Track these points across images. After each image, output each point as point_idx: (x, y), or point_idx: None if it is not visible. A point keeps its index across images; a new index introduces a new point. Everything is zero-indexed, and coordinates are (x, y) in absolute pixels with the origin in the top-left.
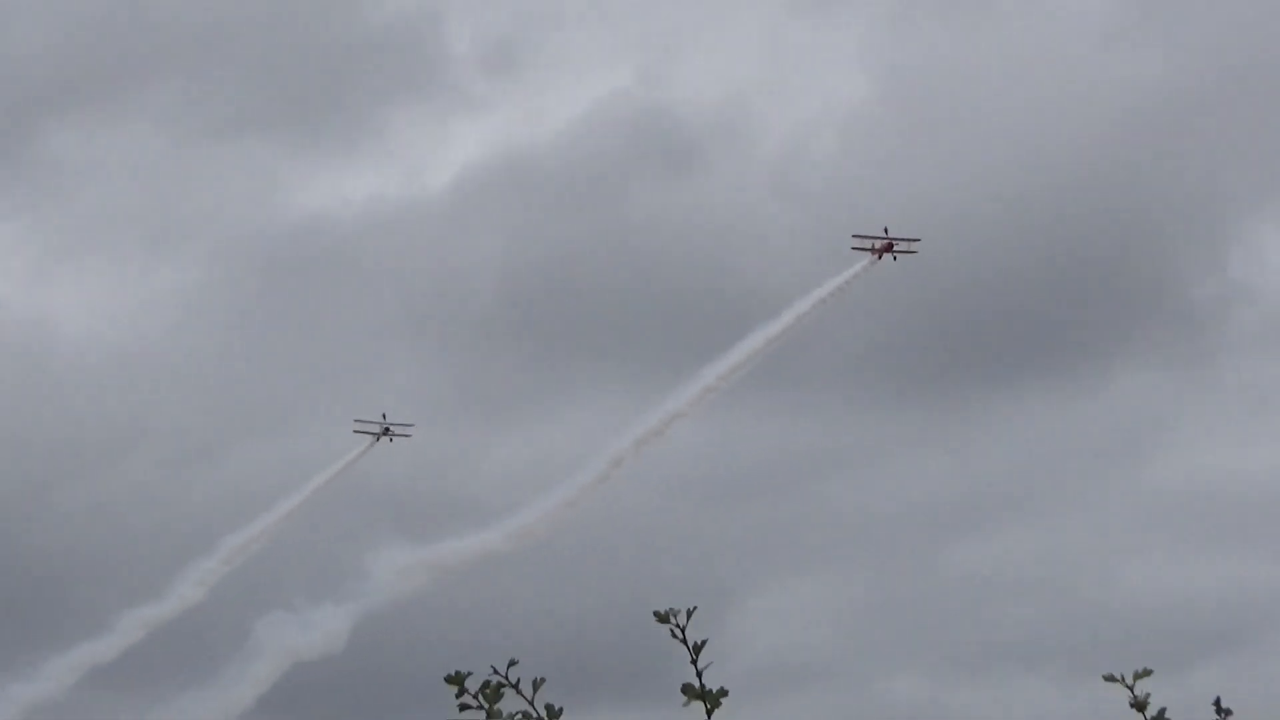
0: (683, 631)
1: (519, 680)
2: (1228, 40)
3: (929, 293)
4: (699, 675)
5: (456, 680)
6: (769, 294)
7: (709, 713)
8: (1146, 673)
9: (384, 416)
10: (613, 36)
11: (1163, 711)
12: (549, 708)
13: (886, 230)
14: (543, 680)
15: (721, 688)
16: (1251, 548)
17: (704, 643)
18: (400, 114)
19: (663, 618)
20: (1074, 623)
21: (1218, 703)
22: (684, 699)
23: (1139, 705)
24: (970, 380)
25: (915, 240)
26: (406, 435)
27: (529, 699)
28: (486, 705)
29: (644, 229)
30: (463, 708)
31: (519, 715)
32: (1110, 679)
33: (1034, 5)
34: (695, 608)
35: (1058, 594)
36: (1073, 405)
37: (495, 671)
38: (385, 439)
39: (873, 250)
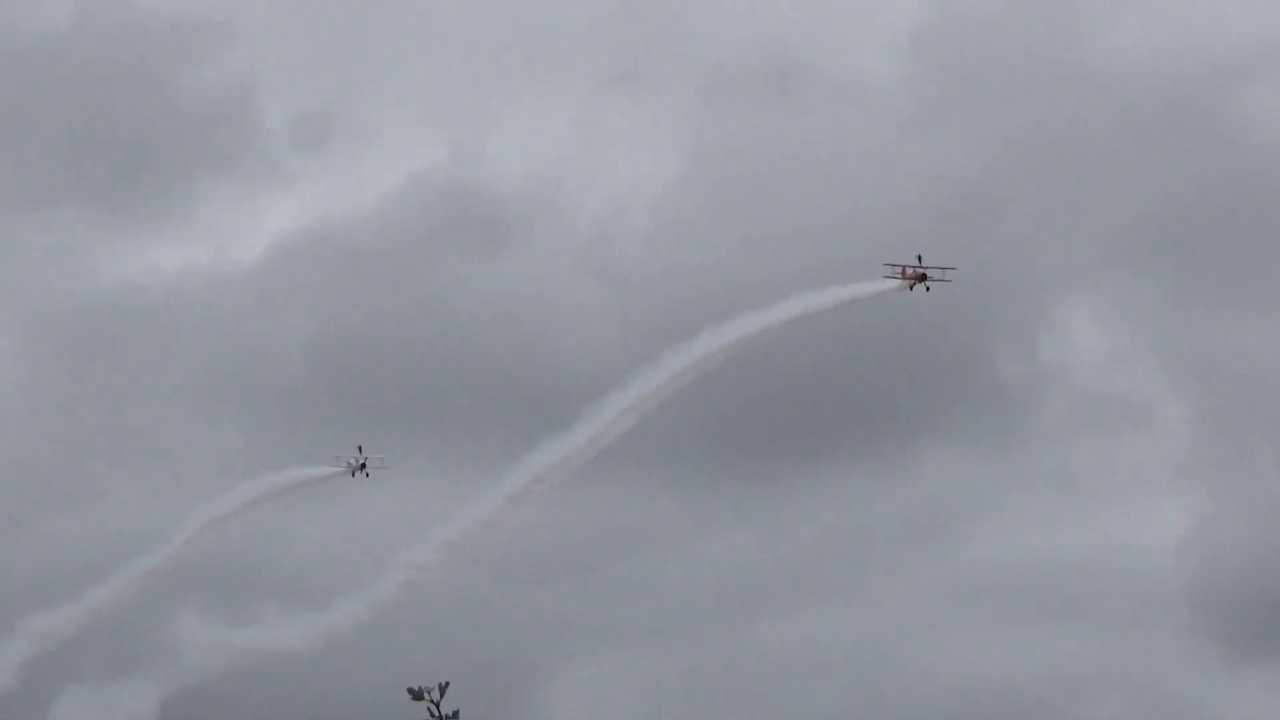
0: (438, 707)
1: None
2: (1036, 125)
3: (742, 369)
4: None
5: None
6: (581, 373)
7: None
8: None
9: (359, 450)
10: (426, 112)
11: None
12: None
13: (920, 259)
14: None
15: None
16: (1059, 628)
17: (456, 715)
18: (212, 187)
19: (417, 694)
20: (883, 701)
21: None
22: None
23: None
24: (781, 458)
25: (950, 269)
26: (381, 468)
27: None
28: None
29: (455, 304)
30: None
31: None
32: None
33: (843, 88)
34: (448, 683)
35: (867, 672)
36: (883, 484)
37: None
38: (362, 474)
39: (904, 277)
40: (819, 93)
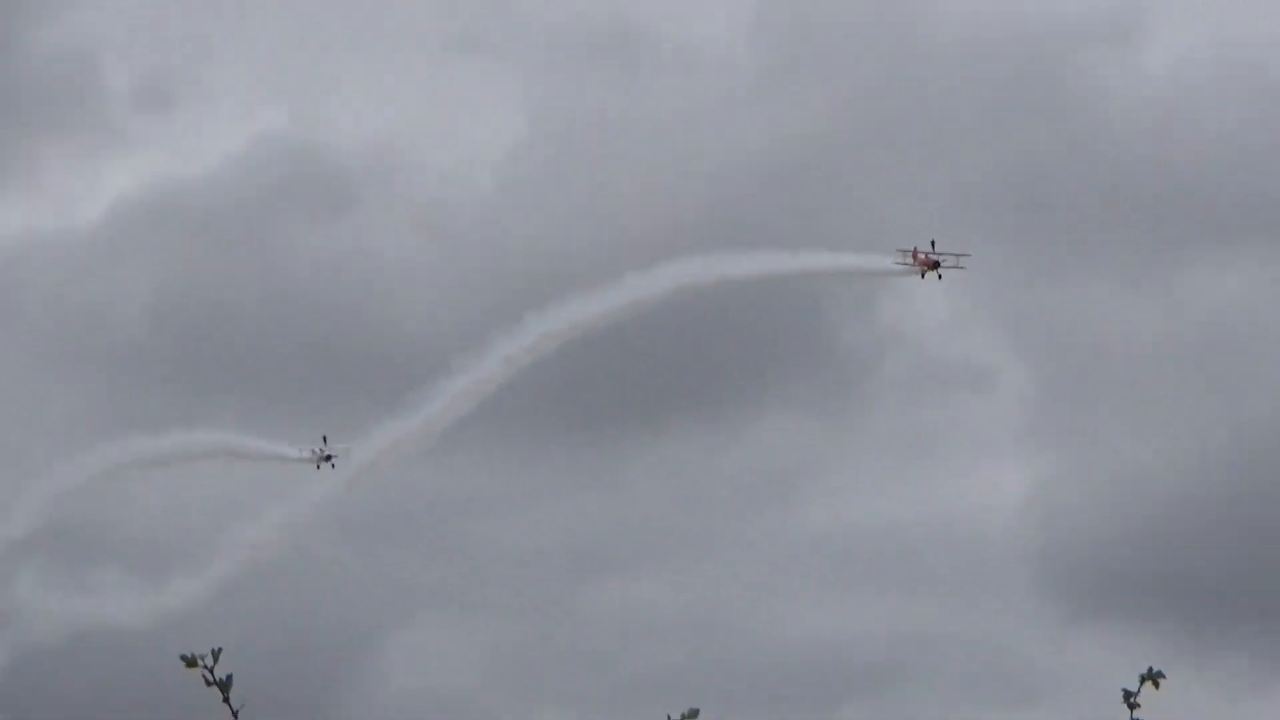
0: (211, 673)
1: None
2: (878, 90)
3: (581, 333)
4: (234, 715)
5: None
6: (421, 337)
7: None
8: (694, 713)
9: (324, 441)
10: (268, 75)
11: None
12: None
13: (934, 245)
14: None
15: None
16: (898, 591)
17: (230, 679)
18: (53, 149)
19: (190, 662)
20: (726, 663)
21: None
22: None
23: None
24: (623, 422)
25: (964, 255)
26: (345, 457)
27: None
28: None
29: (296, 267)
30: None
31: None
32: None
33: (685, 52)
34: (220, 649)
35: (709, 634)
36: (725, 447)
37: None
38: (327, 465)
39: (915, 264)
40: (661, 57)
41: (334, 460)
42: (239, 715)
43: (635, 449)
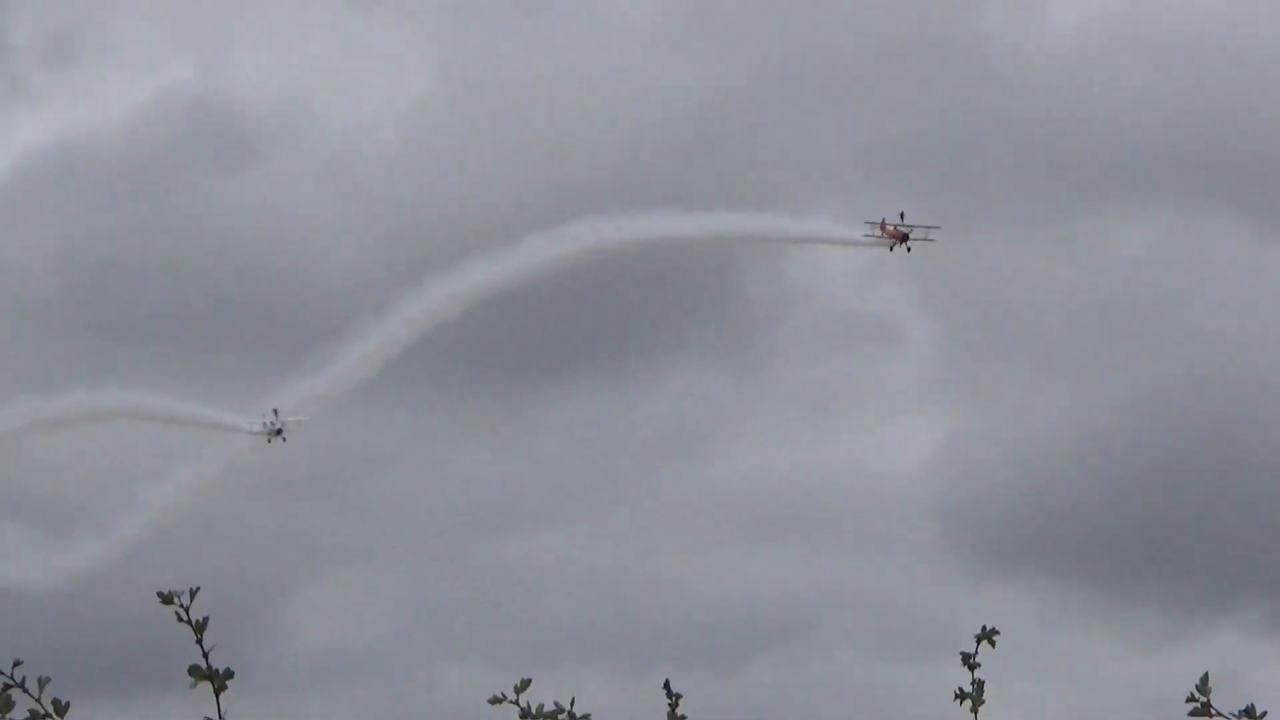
0: (187, 612)
1: (24, 679)
2: (784, 46)
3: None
4: (205, 656)
5: None
6: (328, 292)
7: (217, 693)
8: (526, 684)
9: (275, 413)
10: (174, 28)
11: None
12: (55, 703)
13: (903, 216)
14: (48, 679)
15: (228, 669)
16: (805, 545)
17: (206, 620)
18: None
19: (166, 599)
20: (632, 617)
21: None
22: (191, 680)
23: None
24: (529, 376)
25: (934, 228)
26: (297, 430)
27: (36, 697)
28: None
29: (202, 221)
30: None
31: (29, 716)
32: (495, 700)
33: (591, 5)
34: (198, 588)
35: (617, 588)
36: (629, 403)
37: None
38: (279, 438)
39: (884, 236)
40: (568, 11)
41: (284, 434)
42: (209, 656)
43: (542, 405)
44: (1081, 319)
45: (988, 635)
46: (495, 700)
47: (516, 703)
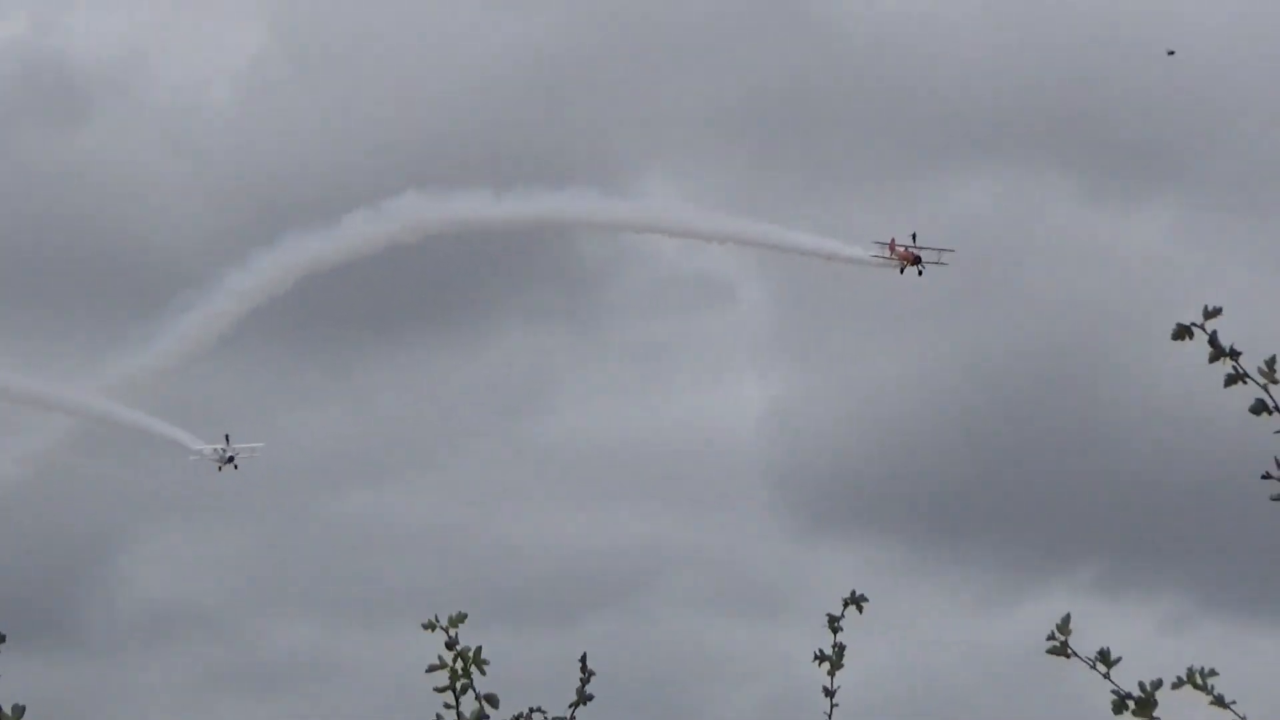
0: None
1: None
2: (622, 6)
3: None
4: None
5: None
6: (161, 250)
7: None
8: (461, 617)
9: (226, 440)
10: None
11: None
12: None
13: (915, 238)
14: None
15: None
16: (638, 502)
17: None
18: None
19: None
20: (464, 574)
21: None
22: None
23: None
24: (364, 334)
25: (948, 250)
26: (251, 458)
27: None
28: None
29: (37, 178)
30: None
31: None
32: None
33: None
34: None
35: (452, 545)
36: (463, 360)
37: None
38: (230, 466)
39: (892, 257)
40: None
41: (236, 461)
42: None
43: (379, 362)
44: (912, 278)
45: (856, 600)
46: (429, 625)
47: (447, 631)
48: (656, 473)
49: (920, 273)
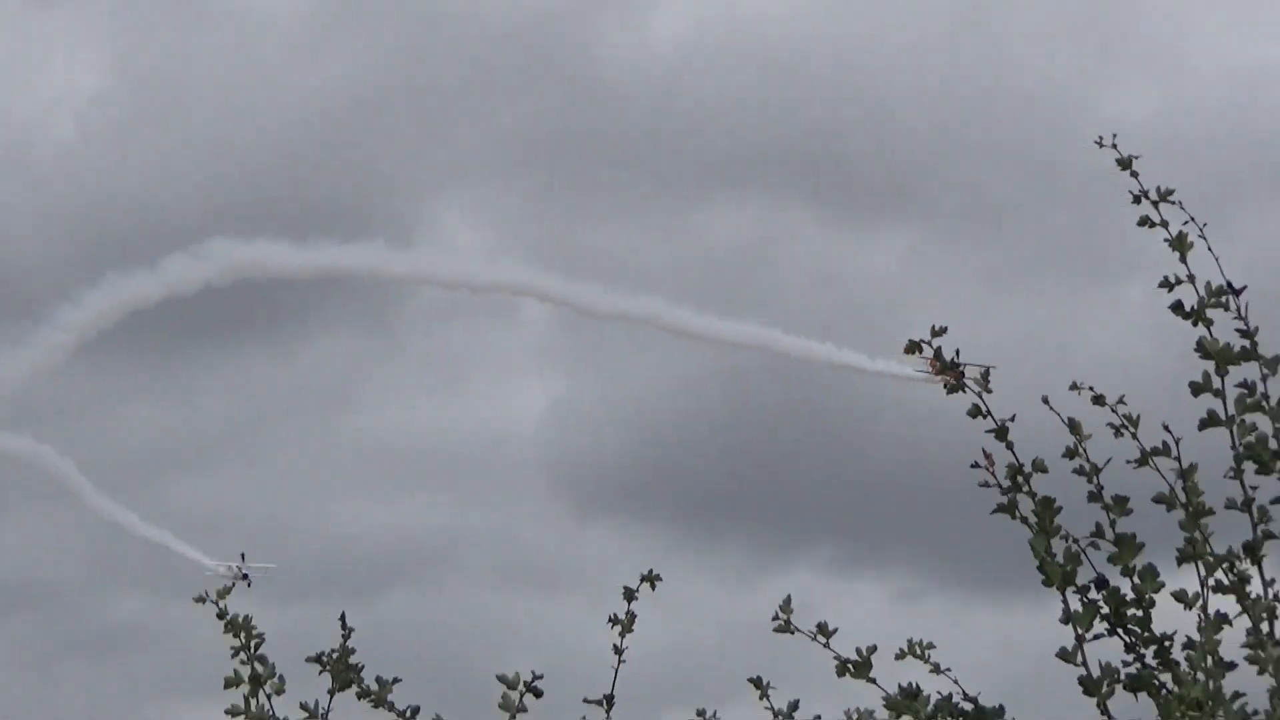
0: None
1: None
2: (412, 49)
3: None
4: None
5: None
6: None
7: None
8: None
9: (242, 557)
10: None
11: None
12: None
13: (959, 354)
14: None
15: None
16: (435, 493)
17: None
18: None
19: None
20: (277, 555)
21: None
22: None
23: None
24: (192, 340)
25: (991, 368)
26: (265, 577)
27: None
28: None
29: None
30: None
31: None
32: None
33: (246, 11)
34: None
35: (266, 531)
36: (282, 364)
37: None
38: (244, 583)
39: (933, 372)
40: (224, 15)
41: (250, 579)
42: None
43: (205, 364)
44: (675, 298)
45: (651, 578)
46: (199, 599)
47: (217, 604)
48: (451, 466)
49: (964, 390)
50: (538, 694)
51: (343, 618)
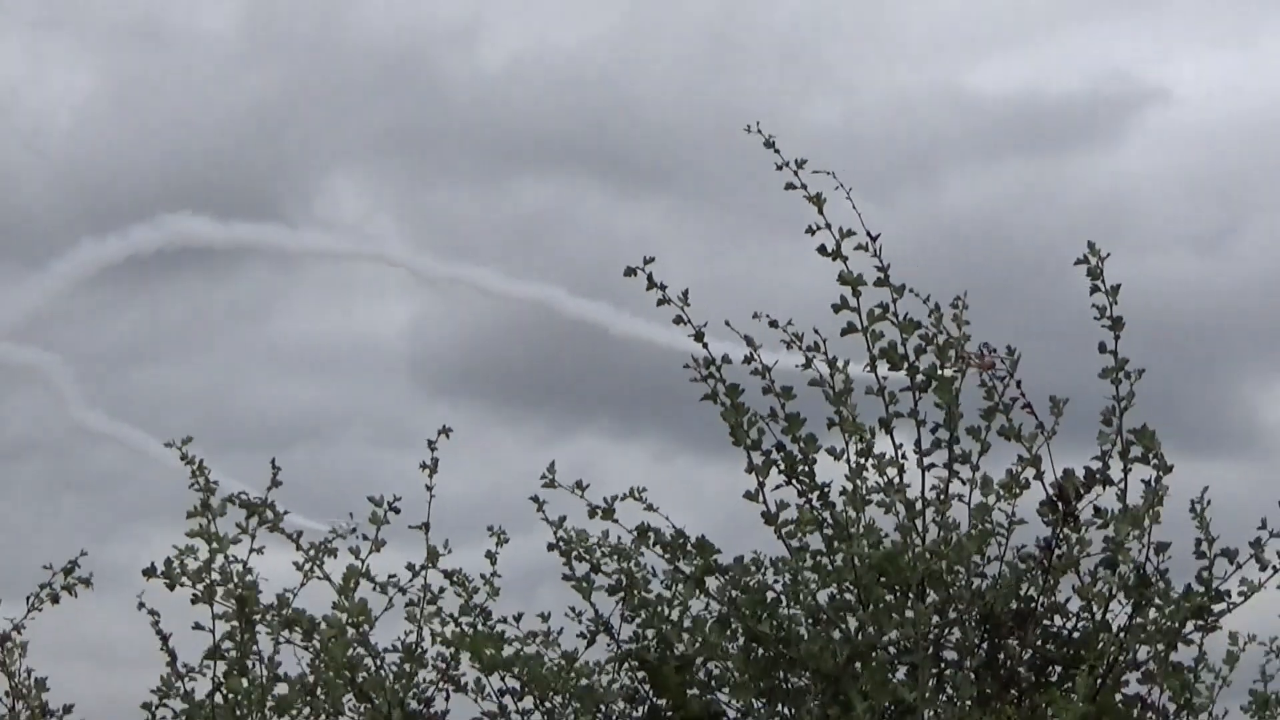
0: None
1: None
2: (310, 64)
3: None
4: None
5: None
6: None
7: None
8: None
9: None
10: None
11: None
12: None
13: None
14: None
15: None
16: (317, 384)
17: None
18: None
19: None
20: (218, 431)
21: None
22: None
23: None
24: (148, 283)
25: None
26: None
27: None
28: None
29: None
30: None
31: None
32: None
33: (191, 36)
34: None
35: (210, 414)
36: (209, 286)
37: None
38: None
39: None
40: (172, 39)
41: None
42: None
43: (160, 297)
44: (514, 259)
45: (444, 431)
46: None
47: None
48: (334, 363)
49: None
50: (397, 511)
51: (273, 461)
